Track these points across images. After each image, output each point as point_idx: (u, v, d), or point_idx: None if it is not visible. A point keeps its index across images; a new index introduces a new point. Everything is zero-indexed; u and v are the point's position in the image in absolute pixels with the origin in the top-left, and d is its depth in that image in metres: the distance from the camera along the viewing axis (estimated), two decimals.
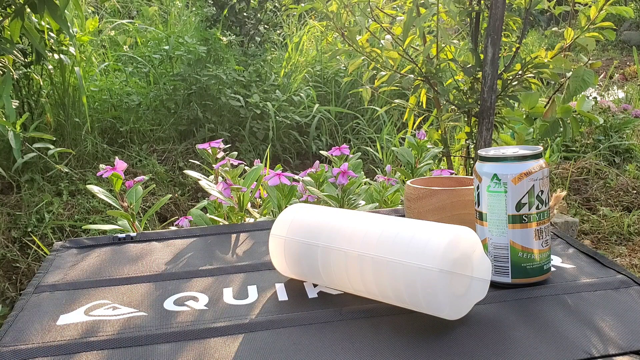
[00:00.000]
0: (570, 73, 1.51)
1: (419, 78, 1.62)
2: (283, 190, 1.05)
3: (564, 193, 0.84)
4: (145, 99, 2.83)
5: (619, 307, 0.59)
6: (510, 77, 1.57)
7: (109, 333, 0.58)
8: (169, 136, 2.76)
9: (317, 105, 3.00)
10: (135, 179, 1.08)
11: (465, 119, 1.64)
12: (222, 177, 1.02)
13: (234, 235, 0.85)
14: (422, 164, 1.40)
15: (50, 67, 2.45)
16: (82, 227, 1.71)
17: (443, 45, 1.61)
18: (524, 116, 1.61)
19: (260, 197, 1.19)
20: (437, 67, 1.58)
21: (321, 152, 1.33)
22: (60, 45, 2.37)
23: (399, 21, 1.68)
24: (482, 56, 1.48)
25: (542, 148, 0.78)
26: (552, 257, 0.73)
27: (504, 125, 1.67)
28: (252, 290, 0.67)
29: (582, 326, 0.56)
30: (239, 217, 1.03)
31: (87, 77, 2.72)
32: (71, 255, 0.79)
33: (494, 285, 0.61)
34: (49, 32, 2.29)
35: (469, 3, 1.59)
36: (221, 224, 1.00)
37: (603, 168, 2.69)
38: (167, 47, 3.01)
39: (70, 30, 2.13)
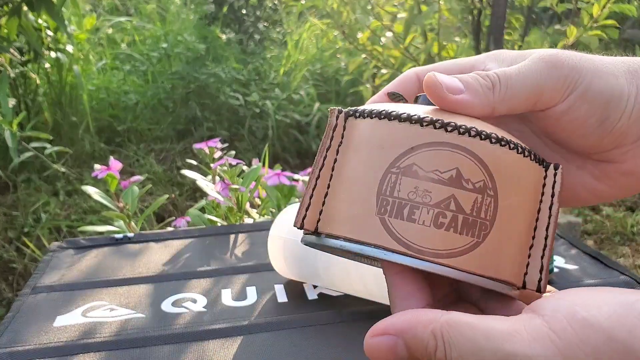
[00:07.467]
0: None
1: None
2: (282, 190, 1.04)
3: None
4: (143, 98, 2.82)
5: None
6: None
7: (106, 335, 0.57)
8: (167, 135, 2.75)
9: (317, 103, 2.98)
10: (131, 179, 1.07)
11: None
12: (220, 177, 1.01)
13: (232, 236, 0.84)
14: None
15: (47, 65, 2.43)
16: (79, 229, 1.70)
17: (445, 43, 1.60)
18: None
19: (259, 197, 1.17)
20: None
21: None
22: (58, 44, 2.35)
23: (400, 19, 1.67)
24: None
25: None
26: (555, 257, 0.72)
27: None
28: (251, 292, 0.66)
29: None
30: (238, 218, 1.02)
31: (84, 76, 2.70)
32: (68, 255, 0.78)
33: None
34: (46, 30, 2.28)
35: (470, 0, 1.58)
36: (219, 224, 0.99)
37: None
38: (165, 45, 2.99)
39: (68, 29, 2.12)
